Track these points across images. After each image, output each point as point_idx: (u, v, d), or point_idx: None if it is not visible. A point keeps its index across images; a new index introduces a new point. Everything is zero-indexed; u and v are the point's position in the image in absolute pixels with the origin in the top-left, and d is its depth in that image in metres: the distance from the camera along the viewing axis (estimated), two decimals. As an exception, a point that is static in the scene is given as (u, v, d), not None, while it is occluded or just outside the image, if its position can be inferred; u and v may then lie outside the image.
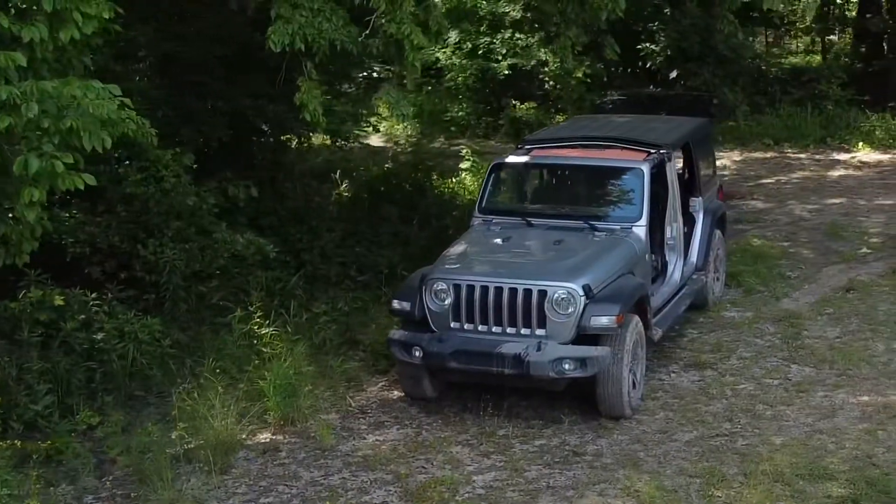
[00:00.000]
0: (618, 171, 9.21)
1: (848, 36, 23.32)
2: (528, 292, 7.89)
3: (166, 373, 8.78)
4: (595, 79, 20.40)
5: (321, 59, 8.64)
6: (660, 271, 9.57)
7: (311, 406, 8.30)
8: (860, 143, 18.01)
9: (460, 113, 21.52)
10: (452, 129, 21.32)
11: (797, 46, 25.53)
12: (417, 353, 7.98)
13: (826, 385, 8.66)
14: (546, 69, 20.55)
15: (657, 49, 19.85)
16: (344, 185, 14.13)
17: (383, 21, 8.54)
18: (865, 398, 8.39)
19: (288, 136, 12.95)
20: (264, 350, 8.72)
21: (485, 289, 7.98)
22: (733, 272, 11.37)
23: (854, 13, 22.83)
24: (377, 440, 7.96)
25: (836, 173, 16.49)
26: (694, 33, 19.53)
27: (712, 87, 19.52)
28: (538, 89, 21.09)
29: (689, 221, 10.22)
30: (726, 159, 17.87)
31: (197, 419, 7.86)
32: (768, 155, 18.08)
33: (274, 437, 8.02)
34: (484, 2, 21.47)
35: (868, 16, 20.99)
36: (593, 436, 7.91)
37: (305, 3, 8.48)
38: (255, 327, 8.84)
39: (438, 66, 22.21)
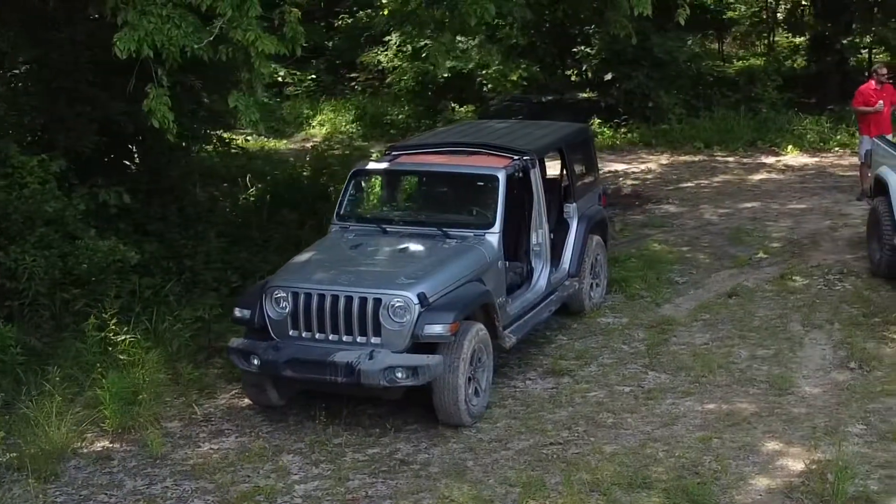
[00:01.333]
0: (474, 178, 9.18)
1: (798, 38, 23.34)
2: (363, 300, 7.86)
3: (17, 381, 8.74)
4: (532, 82, 20.40)
5: (171, 65, 8.60)
6: (525, 278, 9.54)
7: (153, 414, 8.28)
8: (789, 147, 17.99)
9: (400, 116, 21.52)
10: (392, 131, 21.30)
11: (756, 49, 25.49)
12: (255, 362, 7.95)
13: (676, 393, 8.63)
14: (484, 72, 20.53)
15: (592, 52, 19.81)
16: (252, 189, 14.10)
17: (233, 27, 8.50)
18: (711, 406, 8.36)
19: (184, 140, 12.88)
20: (121, 357, 8.71)
21: (321, 297, 7.95)
22: (620, 277, 11.35)
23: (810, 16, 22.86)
24: (211, 448, 7.93)
25: (757, 177, 16.45)
26: (628, 36, 19.44)
27: (647, 90, 19.54)
28: (477, 92, 21.07)
29: (564, 227, 10.21)
30: (654, 162, 17.90)
31: (34, 427, 7.83)
32: (697, 158, 18.04)
33: (110, 446, 7.99)
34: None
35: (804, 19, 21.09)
36: (428, 444, 7.87)
37: (154, 9, 8.45)
38: (111, 334, 8.82)
39: (380, 68, 22.28)
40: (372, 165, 9.50)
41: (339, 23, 24.59)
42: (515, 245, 9.61)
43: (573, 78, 21.09)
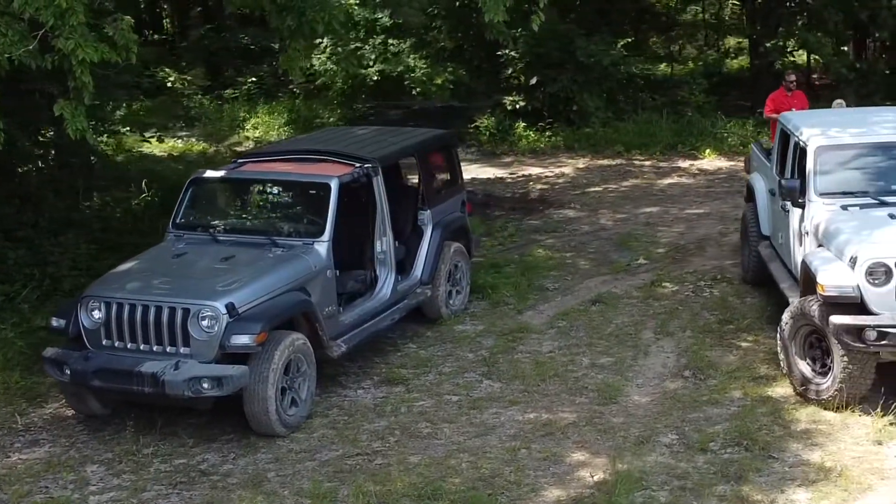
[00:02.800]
0: (306, 187, 9.16)
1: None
2: (172, 310, 7.85)
3: None
4: (459, 85, 20.33)
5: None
6: (369, 286, 9.51)
7: (-29, 423, 8.27)
8: (707, 151, 17.95)
9: (331, 119, 21.47)
10: (322, 134, 21.27)
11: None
12: (66, 372, 7.93)
13: (503, 402, 8.60)
14: (412, 75, 20.45)
15: (517, 55, 19.76)
16: (145, 194, 14.07)
17: (55, 35, 8.47)
18: (532, 415, 8.33)
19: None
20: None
21: (133, 307, 7.93)
22: (490, 284, 11.32)
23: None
24: (20, 459, 7.91)
25: (667, 181, 16.40)
26: (552, 39, 19.46)
27: (571, 94, 19.50)
28: (406, 95, 21.01)
29: (420, 234, 10.19)
30: (571, 166, 17.85)
31: None
32: (615, 162, 17.99)
33: (-77, 456, 7.98)
34: (356, 7, 21.38)
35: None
36: (237, 455, 7.85)
37: (-21, 18, 8.42)
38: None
39: (313, 71, 22.19)
40: (209, 174, 9.47)
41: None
42: (360, 253, 9.58)
43: (509, 82, 20.99)
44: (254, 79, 24.63)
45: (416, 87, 20.32)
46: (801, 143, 9.46)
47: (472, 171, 17.73)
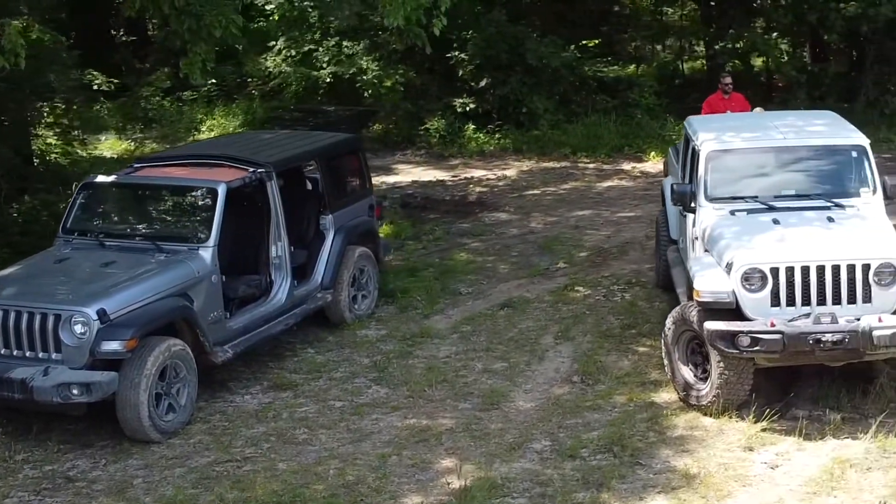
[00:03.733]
0: (194, 191, 9.14)
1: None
2: (43, 316, 7.83)
3: None
4: (410, 87, 20.30)
5: None
6: (263, 291, 9.49)
7: None
8: (652, 153, 17.92)
9: (287, 120, 21.43)
10: (275, 137, 21.23)
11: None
12: (-58, 377, 7.91)
13: (386, 408, 8.58)
14: (364, 77, 20.41)
15: (466, 57, 19.72)
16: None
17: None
18: (412, 421, 8.31)
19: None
20: None
21: (6, 312, 7.91)
22: (402, 288, 11.30)
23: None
24: None
25: (606, 184, 16.38)
26: (501, 41, 19.45)
27: (521, 96, 19.47)
28: (359, 98, 20.98)
29: (321, 239, 10.17)
30: (515, 169, 17.83)
31: None
32: (560, 164, 17.95)
33: None
34: (310, 9, 21.34)
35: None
36: (109, 461, 7.83)
37: None
38: None
39: (267, 73, 22.17)
40: (100, 178, 9.46)
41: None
42: (255, 257, 9.56)
43: (460, 84, 20.96)
44: (213, 80, 24.63)
45: (367, 89, 20.32)
46: (695, 147, 9.44)
47: (416, 174, 17.77)
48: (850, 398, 8.30)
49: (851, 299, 7.91)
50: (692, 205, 9.09)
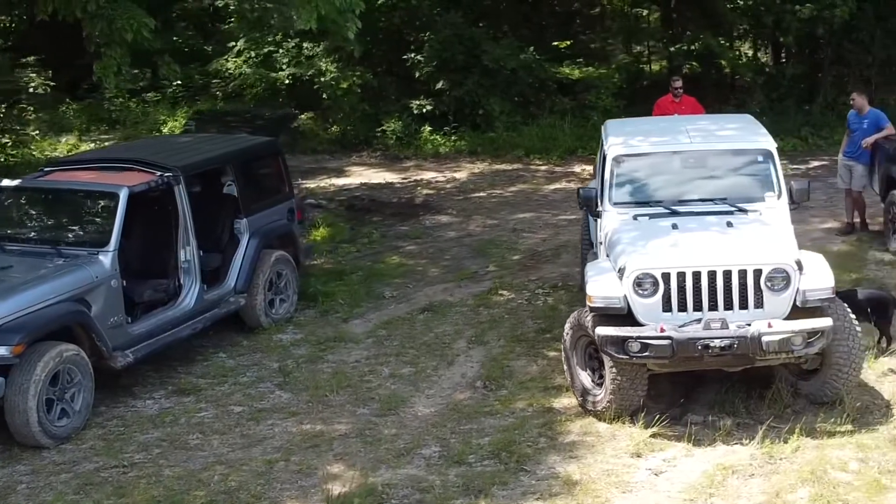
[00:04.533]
0: (96, 196, 9.12)
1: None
2: (-66, 321, 7.81)
3: None
4: (368, 89, 20.28)
5: None
6: (172, 295, 9.47)
7: None
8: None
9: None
10: (236, 138, 21.21)
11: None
12: None
13: (284, 413, 8.55)
14: (322, 79, 20.38)
15: (423, 59, 19.70)
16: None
17: None
18: (307, 427, 8.28)
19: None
20: None
21: None
22: (325, 292, 11.28)
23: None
24: None
25: (553, 186, 16.36)
26: (458, 43, 19.44)
27: (477, 98, 19.46)
28: (319, 99, 20.96)
29: (236, 243, 10.15)
30: (467, 171, 17.82)
31: None
32: (513, 166, 17.95)
33: None
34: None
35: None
36: (-3, 467, 7.82)
37: None
38: None
39: (227, 74, 22.14)
40: (5, 183, 9.44)
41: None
42: (164, 262, 9.53)
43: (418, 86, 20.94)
44: (179, 81, 24.61)
45: (324, 90, 20.30)
46: (604, 151, 9.42)
47: (368, 176, 17.76)
48: (748, 403, 8.28)
49: (743, 305, 7.88)
50: (598, 209, 9.06)
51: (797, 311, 7.90)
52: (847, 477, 7.19)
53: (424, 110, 19.69)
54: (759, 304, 7.87)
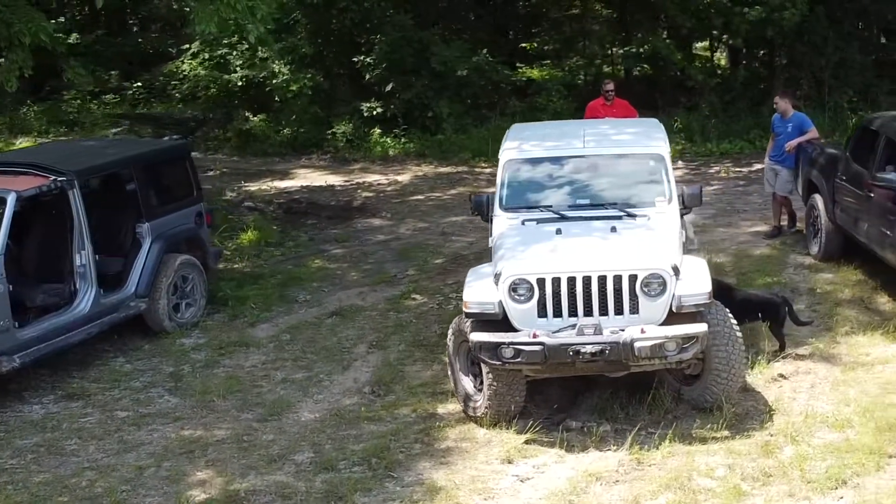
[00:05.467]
0: (-18, 200, 9.10)
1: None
2: None
3: None
4: (319, 91, 20.27)
5: None
6: (67, 299, 9.44)
7: None
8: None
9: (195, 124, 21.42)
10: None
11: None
12: None
13: (168, 418, 8.54)
14: (274, 81, 20.36)
15: (372, 61, 19.69)
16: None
17: None
18: (187, 432, 8.26)
19: None
20: None
21: None
22: (238, 296, 11.27)
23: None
24: None
25: (493, 189, 16.24)
26: (407, 46, 19.43)
27: (426, 100, 19.45)
28: (271, 101, 20.95)
29: (138, 246, 10.14)
30: (411, 174, 17.81)
31: None
32: (458, 169, 17.94)
33: None
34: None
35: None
36: None
37: None
38: None
39: (182, 76, 22.14)
40: None
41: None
42: (59, 266, 9.51)
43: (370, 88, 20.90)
44: (139, 84, 24.66)
45: (275, 92, 20.29)
46: (500, 155, 9.41)
47: (312, 178, 17.75)
48: (629, 409, 8.25)
49: (619, 310, 7.85)
50: (489, 214, 9.04)
51: (675, 317, 7.88)
52: (711, 483, 7.16)
53: (375, 113, 19.68)
54: (634, 309, 7.85)
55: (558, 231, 8.47)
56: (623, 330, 7.70)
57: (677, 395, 8.33)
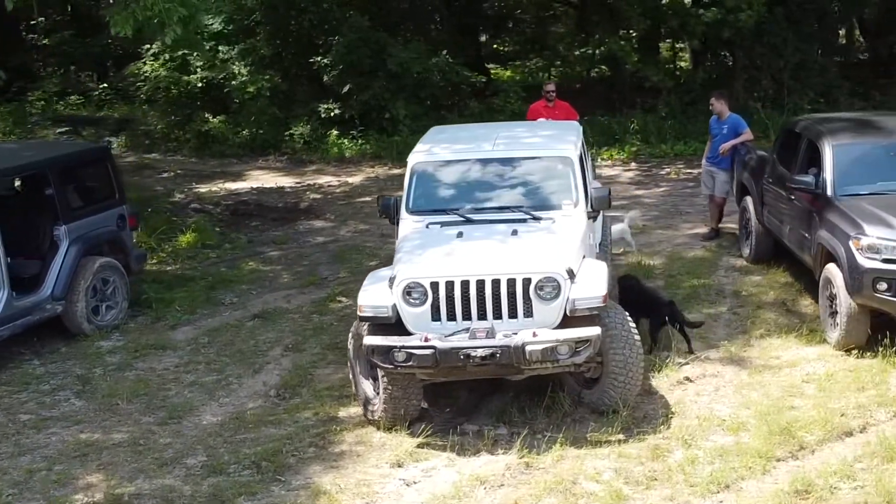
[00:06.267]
0: None
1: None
2: None
3: None
4: (278, 93, 20.27)
5: None
6: (-24, 302, 9.45)
7: None
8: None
9: (159, 126, 21.40)
10: (147, 142, 21.23)
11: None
12: None
13: (70, 421, 8.52)
14: (233, 83, 20.37)
15: (328, 62, 19.68)
16: None
17: None
18: (85, 436, 8.25)
19: None
20: None
21: None
22: (162, 298, 11.27)
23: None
24: None
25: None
26: (363, 47, 19.42)
27: (383, 101, 19.45)
28: (231, 102, 20.95)
29: (54, 248, 10.14)
30: (364, 175, 17.83)
31: None
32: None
33: None
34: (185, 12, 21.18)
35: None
36: None
37: None
38: None
39: (143, 77, 22.11)
40: None
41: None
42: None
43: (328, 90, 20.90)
44: (104, 85, 24.67)
45: (234, 94, 20.29)
46: (409, 159, 9.39)
47: (265, 180, 17.78)
48: (529, 413, 8.24)
49: (513, 314, 7.84)
50: (396, 217, 9.03)
51: (573, 320, 7.87)
52: (595, 487, 7.15)
53: (332, 114, 19.68)
54: (529, 313, 7.83)
55: (459, 234, 8.47)
56: (515, 333, 7.69)
57: (578, 399, 8.32)
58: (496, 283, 7.82)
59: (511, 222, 8.65)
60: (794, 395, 8.44)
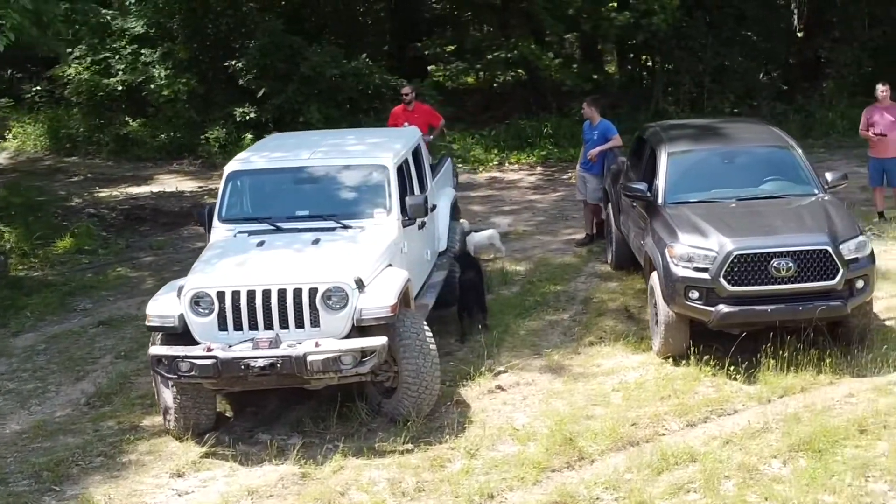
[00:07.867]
0: None
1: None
2: None
3: None
4: (195, 96, 20.24)
5: None
6: None
7: None
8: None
9: (81, 129, 21.35)
10: (68, 145, 21.20)
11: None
12: None
13: None
14: (151, 85, 20.31)
15: (242, 66, 19.64)
16: None
17: None
18: None
19: None
20: None
21: None
22: (20, 304, 11.30)
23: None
24: None
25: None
26: (277, 50, 19.40)
27: (297, 105, 19.42)
28: (151, 106, 20.90)
29: None
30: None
31: None
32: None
33: None
34: (108, 17, 21.17)
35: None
36: None
37: None
38: None
39: (66, 80, 22.04)
40: None
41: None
42: None
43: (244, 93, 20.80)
44: (37, 87, 24.60)
45: (151, 97, 20.26)
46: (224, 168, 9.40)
47: (169, 185, 17.74)
48: (325, 422, 8.21)
49: (300, 324, 7.83)
50: (209, 225, 9.03)
51: (362, 330, 7.86)
52: (362, 498, 7.16)
53: (248, 118, 19.62)
54: (316, 322, 7.82)
55: (260, 243, 8.46)
56: (300, 343, 7.68)
57: (378, 408, 8.30)
58: (282, 293, 7.81)
59: (316, 231, 8.63)
60: (597, 405, 8.43)
